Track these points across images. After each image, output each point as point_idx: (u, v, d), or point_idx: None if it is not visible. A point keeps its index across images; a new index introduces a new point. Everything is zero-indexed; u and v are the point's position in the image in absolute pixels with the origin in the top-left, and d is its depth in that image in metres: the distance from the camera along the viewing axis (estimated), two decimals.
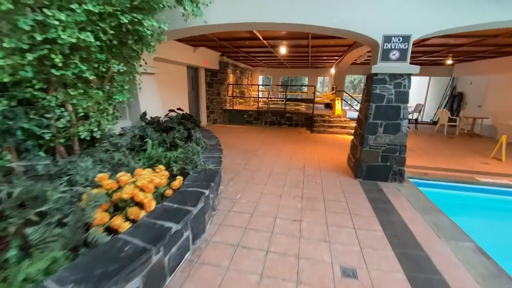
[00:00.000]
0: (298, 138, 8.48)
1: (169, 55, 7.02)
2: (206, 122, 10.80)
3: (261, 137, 8.56)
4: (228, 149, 6.85)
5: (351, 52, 8.26)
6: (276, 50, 8.81)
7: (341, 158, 6.19)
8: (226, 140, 7.93)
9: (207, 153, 4.55)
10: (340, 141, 8.22)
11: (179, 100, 8.50)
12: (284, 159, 6.04)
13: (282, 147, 7.20)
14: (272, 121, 11.00)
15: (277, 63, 14.18)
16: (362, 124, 4.82)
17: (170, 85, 7.90)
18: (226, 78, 11.20)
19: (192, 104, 9.75)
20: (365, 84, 5.13)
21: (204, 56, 9.07)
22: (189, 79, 9.40)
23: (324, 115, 10.38)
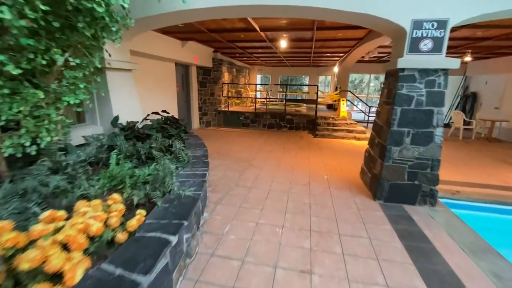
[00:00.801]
0: (300, 144, 7.54)
1: (152, 49, 6.06)
2: (198, 125, 9.86)
3: (258, 142, 7.62)
4: (220, 158, 5.90)
5: (360, 47, 7.34)
6: (275, 45, 7.87)
7: (352, 169, 5.27)
8: (219, 146, 6.98)
9: (188, 169, 3.61)
10: (347, 148, 7.29)
11: (166, 101, 7.55)
12: (285, 170, 5.10)
13: (282, 155, 6.26)
14: (271, 123, 10.06)
15: (276, 61, 13.24)
16: (383, 132, 3.89)
17: (154, 84, 6.94)
18: (221, 77, 10.26)
19: (182, 106, 8.80)
20: (385, 83, 4.20)
21: (194, 51, 8.12)
22: (179, 78, 8.45)
23: (328, 117, 9.46)
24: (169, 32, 6.34)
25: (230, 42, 7.52)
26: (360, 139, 8.31)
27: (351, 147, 7.41)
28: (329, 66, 14.68)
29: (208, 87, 9.81)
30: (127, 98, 5.16)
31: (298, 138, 8.50)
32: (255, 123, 10.23)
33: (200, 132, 9.06)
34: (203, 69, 9.53)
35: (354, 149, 7.16)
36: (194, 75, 9.25)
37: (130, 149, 4.09)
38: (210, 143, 7.25)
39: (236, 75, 12.70)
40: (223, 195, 3.94)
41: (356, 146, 7.55)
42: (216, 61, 9.82)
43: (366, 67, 12.69)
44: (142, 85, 6.41)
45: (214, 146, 6.98)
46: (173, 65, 7.82)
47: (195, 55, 8.18)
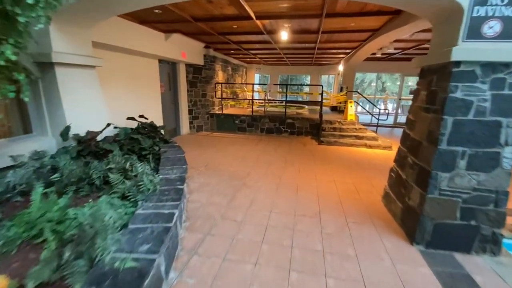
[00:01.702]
0: (303, 154, 6.48)
1: (126, 42, 4.99)
2: (188, 129, 8.78)
3: (255, 151, 6.56)
4: (208, 173, 4.83)
5: (373, 41, 6.28)
6: (274, 38, 6.81)
7: (370, 189, 4.22)
8: (209, 157, 5.91)
9: (151, 204, 2.56)
10: (359, 158, 6.23)
11: (148, 103, 6.47)
12: (288, 192, 4.04)
13: (283, 169, 5.20)
14: (269, 128, 9.00)
15: (275, 59, 12.18)
16: (422, 150, 2.84)
17: (132, 84, 5.87)
18: (214, 76, 9.18)
19: (168, 109, 7.72)
20: (421, 83, 3.16)
21: (182, 46, 7.04)
22: (164, 77, 7.37)
23: (334, 121, 8.40)
24: (147, 21, 5.27)
25: (222, 35, 6.46)
26: (372, 146, 7.26)
27: (362, 157, 6.36)
28: (332, 65, 13.62)
29: (199, 87, 8.73)
30: (88, 101, 4.09)
31: (301, 145, 7.44)
32: (252, 128, 9.17)
33: (189, 138, 7.99)
34: (193, 67, 8.45)
35: (367, 160, 6.11)
36: (183, 74, 8.18)
37: (78, 172, 3.03)
38: (199, 153, 6.19)
39: (232, 74, 11.64)
40: (203, 235, 2.88)
41: (369, 156, 6.50)
42: (208, 58, 8.75)
43: (375, 66, 11.64)
44: (115, 86, 5.34)
45: (202, 157, 5.91)
46: (156, 62, 6.75)
47: (182, 51, 7.11)
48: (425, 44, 6.99)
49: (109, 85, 5.16)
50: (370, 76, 26.81)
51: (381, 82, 26.92)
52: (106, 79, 5.05)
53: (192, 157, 5.88)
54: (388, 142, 7.42)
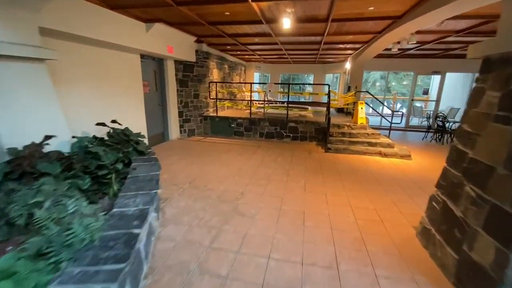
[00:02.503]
0: (309, 165, 5.52)
1: (92, 31, 4.05)
2: (178, 134, 7.84)
3: (252, 161, 5.61)
4: (192, 193, 3.88)
5: (391, 33, 5.31)
6: (275, 29, 5.86)
7: (398, 218, 3.25)
8: (197, 169, 4.96)
9: (76, 273, 1.60)
10: (375, 171, 5.26)
11: (126, 106, 5.53)
12: (291, 225, 3.09)
13: (285, 187, 4.25)
14: (269, 132, 8.04)
15: (276, 56, 11.22)
16: (498, 181, 1.88)
17: (104, 82, 4.92)
18: (208, 74, 8.23)
19: (153, 111, 6.78)
20: (488, 80, 2.20)
21: (167, 39, 6.10)
22: (147, 75, 6.43)
23: (342, 124, 7.44)
24: (119, 6, 4.33)
25: (213, 25, 5.51)
26: (387, 155, 6.29)
27: (378, 169, 5.39)
28: (337, 63, 12.65)
29: (190, 87, 7.79)
30: (34, 104, 3.15)
31: (305, 153, 6.48)
32: (250, 132, 8.22)
33: (178, 144, 7.04)
34: (184, 64, 7.51)
35: (385, 173, 5.14)
36: (171, 72, 7.24)
37: None
38: (186, 164, 5.24)
39: (229, 72, 10.69)
40: None
41: (385, 167, 5.53)
42: (200, 54, 7.80)
43: (385, 63, 10.64)
44: (80, 85, 4.40)
45: (189, 170, 4.96)
46: (137, 58, 5.80)
47: (168, 45, 6.16)
48: (450, 36, 6.01)
49: (73, 84, 4.23)
50: (374, 75, 25.75)
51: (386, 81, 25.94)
52: (68, 77, 4.12)
53: (177, 170, 4.93)
54: (406, 150, 6.45)
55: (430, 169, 5.49)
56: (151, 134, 6.64)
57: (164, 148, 6.64)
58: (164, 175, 4.67)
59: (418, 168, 5.53)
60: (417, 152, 6.82)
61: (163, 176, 4.64)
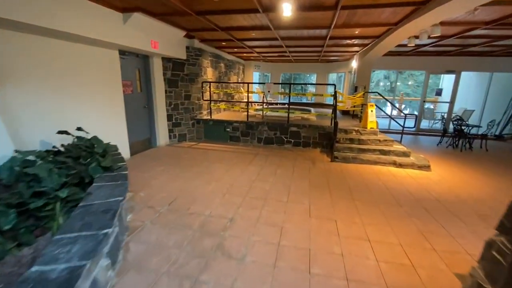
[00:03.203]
0: (313, 178, 4.73)
1: (53, 20, 3.28)
2: (167, 140, 7.06)
3: (247, 174, 4.82)
4: (168, 220, 3.08)
5: (411, 24, 4.52)
6: (274, 21, 5.08)
7: (434, 261, 2.45)
8: (181, 185, 4.17)
9: None
10: (392, 186, 4.46)
11: (101, 109, 4.76)
12: (293, 275, 2.30)
13: (285, 210, 3.46)
14: (268, 138, 7.26)
15: (277, 54, 10.43)
16: None
17: (72, 81, 4.15)
18: (200, 73, 7.46)
19: (137, 114, 6.01)
20: None
21: (151, 33, 5.33)
22: (129, 73, 5.67)
23: (350, 129, 6.64)
24: None
25: (201, 15, 4.73)
26: (403, 165, 5.49)
27: (395, 184, 4.59)
28: (342, 61, 11.85)
29: (181, 87, 7.01)
30: None
31: (309, 163, 5.69)
32: (247, 137, 7.43)
33: (165, 152, 6.25)
34: (173, 62, 6.74)
35: (404, 189, 4.34)
36: (159, 70, 6.46)
37: None
38: (169, 178, 4.45)
39: (226, 71, 9.91)
40: None
41: (403, 181, 4.73)
42: (192, 51, 7.03)
43: (395, 62, 9.80)
44: (37, 84, 3.63)
45: (172, 186, 4.18)
46: (114, 54, 5.03)
47: (151, 39, 5.39)
48: (478, 29, 5.20)
49: (27, 83, 3.46)
50: (378, 74, 24.89)
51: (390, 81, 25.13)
52: (21, 75, 3.35)
53: (158, 186, 4.15)
54: (424, 160, 5.64)
55: (455, 184, 4.69)
56: (134, 141, 5.87)
57: (149, 156, 5.86)
58: (141, 193, 3.90)
59: (441, 183, 4.72)
60: (435, 161, 6.01)
61: (139, 194, 3.87)
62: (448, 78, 12.51)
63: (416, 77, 23.52)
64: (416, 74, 23.21)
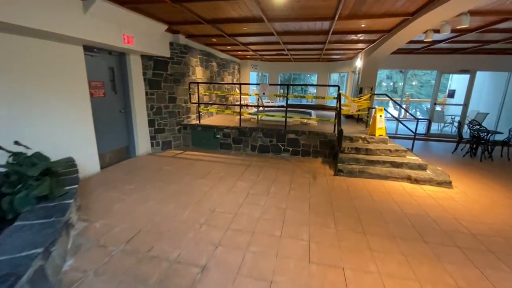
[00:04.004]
0: (315, 199, 3.92)
1: None
2: (149, 148, 6.25)
3: (233, 195, 4.01)
4: (117, 265, 2.25)
5: (431, 13, 3.71)
6: (266, 8, 4.28)
7: None
8: (150, 210, 3.35)
9: None
10: (410, 210, 3.64)
11: (59, 116, 3.96)
12: None
13: (277, 257, 2.64)
14: (263, 145, 6.45)
15: (274, 52, 9.63)
16: None
17: (15, 83, 3.35)
18: (187, 73, 6.66)
19: (112, 120, 5.21)
20: None
21: (121, 25, 4.53)
22: (100, 73, 4.87)
23: (356, 137, 5.84)
24: None
25: (177, 2, 3.93)
26: (419, 181, 4.67)
27: (414, 207, 3.77)
28: (345, 60, 11.04)
29: (164, 89, 6.22)
30: None
31: (309, 177, 4.88)
32: (239, 144, 6.63)
33: (143, 163, 5.44)
34: (155, 60, 5.94)
35: (425, 215, 3.52)
36: (137, 70, 5.66)
37: None
38: (138, 199, 3.64)
39: (219, 71, 9.11)
40: None
41: (423, 203, 3.90)
42: (177, 48, 6.23)
43: (403, 60, 8.97)
44: None
45: (138, 212, 3.37)
46: (77, 50, 4.23)
47: (124, 33, 4.59)
48: (508, 20, 4.38)
49: None
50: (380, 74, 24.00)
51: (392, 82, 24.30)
52: None
53: (121, 212, 3.34)
54: (443, 174, 4.83)
55: (485, 206, 3.87)
56: (106, 151, 5.07)
57: (124, 169, 5.06)
58: (96, 223, 3.10)
59: (468, 205, 3.90)
60: (454, 174, 5.20)
61: (94, 224, 3.07)
62: (458, 78, 11.69)
63: (420, 77, 22.68)
64: (420, 74, 22.34)
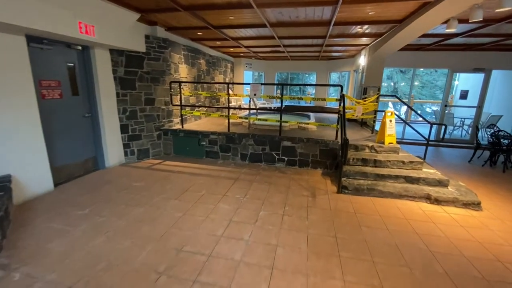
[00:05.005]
0: (314, 228, 3.07)
1: None
2: (122, 157, 5.39)
3: (212, 223, 3.17)
4: None
5: None
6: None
7: None
8: (95, 251, 2.48)
9: None
10: (435, 245, 2.81)
11: None
12: None
13: None
14: (255, 154, 5.62)
15: (269, 49, 8.80)
16: None
17: None
18: (168, 70, 5.82)
19: (72, 127, 4.35)
20: None
21: (77, 10, 3.68)
22: (54, 70, 4.01)
23: (361, 145, 5.01)
24: None
25: None
26: (441, 201, 3.84)
27: (441, 241, 2.94)
28: (346, 58, 10.23)
29: (140, 89, 5.36)
30: None
31: (307, 194, 4.04)
32: (227, 153, 5.79)
33: (113, 176, 4.58)
34: (127, 56, 5.08)
35: (457, 253, 2.69)
36: (105, 66, 4.80)
37: None
38: (84, 233, 2.78)
39: (208, 70, 8.26)
40: None
41: (449, 233, 3.08)
42: (154, 41, 5.39)
43: (412, 59, 8.14)
44: None
45: (76, 256, 2.52)
46: (18, 41, 3.37)
47: (80, 20, 3.73)
48: None
49: None
50: None
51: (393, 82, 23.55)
52: None
53: (55, 254, 2.49)
54: (468, 191, 4.01)
55: None
56: (64, 164, 4.22)
57: (83, 186, 4.20)
58: (16, 273, 2.25)
59: (510, 237, 3.08)
60: (479, 190, 4.39)
61: (12, 275, 2.23)
62: (466, 77, 10.90)
63: (421, 77, 21.94)
64: (421, 74, 21.60)
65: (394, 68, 20.61)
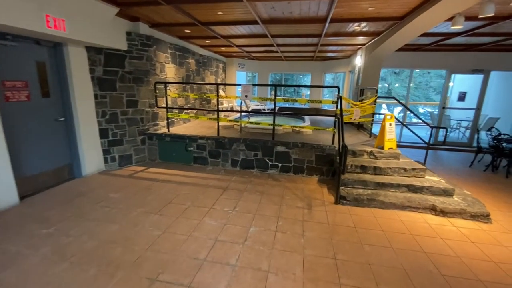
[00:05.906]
0: (312, 249, 2.72)
1: None
2: (101, 164, 4.95)
3: (193, 245, 2.78)
4: None
5: None
6: None
7: None
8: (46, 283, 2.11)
9: None
10: (449, 267, 2.48)
11: None
12: None
13: None
14: (247, 160, 5.25)
15: (262, 49, 8.46)
16: None
17: None
18: (152, 70, 5.41)
19: (42, 132, 3.91)
20: None
21: (47, 4, 3.26)
22: (23, 70, 3.58)
23: (359, 150, 4.70)
24: None
25: None
26: (447, 213, 3.53)
27: (453, 260, 2.62)
28: (341, 59, 9.96)
29: (121, 90, 4.94)
30: None
31: (303, 206, 3.69)
32: (217, 159, 5.41)
33: (89, 187, 4.14)
34: (106, 54, 4.65)
35: (473, 279, 2.37)
36: (81, 65, 4.37)
37: None
38: (40, 260, 2.32)
39: (198, 70, 7.87)
40: None
41: (464, 254, 2.76)
42: (137, 38, 4.98)
43: (409, 59, 7.89)
44: None
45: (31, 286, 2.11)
46: None
47: (46, 13, 3.32)
48: None
49: None
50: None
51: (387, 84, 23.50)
52: None
53: (9, 283, 2.07)
54: (475, 202, 3.71)
55: None
56: (32, 173, 3.78)
57: (53, 198, 3.77)
58: None
59: None
60: (486, 199, 4.11)
61: None
62: (462, 78, 10.75)
63: (414, 78, 21.95)
64: (414, 75, 21.59)
65: (388, 70, 20.49)
